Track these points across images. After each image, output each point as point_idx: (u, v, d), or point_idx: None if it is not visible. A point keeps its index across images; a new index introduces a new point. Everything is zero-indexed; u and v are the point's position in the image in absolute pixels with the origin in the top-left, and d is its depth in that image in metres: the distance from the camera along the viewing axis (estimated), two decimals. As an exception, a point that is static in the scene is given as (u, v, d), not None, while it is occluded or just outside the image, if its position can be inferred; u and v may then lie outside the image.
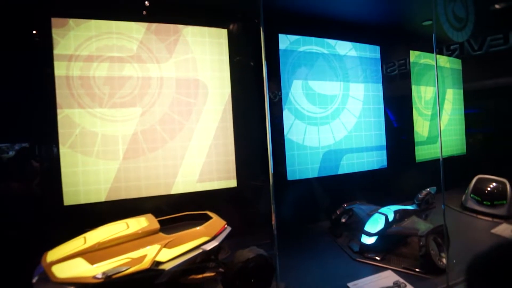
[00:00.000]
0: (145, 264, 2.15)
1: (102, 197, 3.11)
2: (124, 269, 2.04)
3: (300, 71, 4.22)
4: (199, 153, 3.57)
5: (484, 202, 4.38)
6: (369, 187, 4.57)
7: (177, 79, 3.48)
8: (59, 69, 2.99)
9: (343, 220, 3.82)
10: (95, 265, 2.03)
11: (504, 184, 4.38)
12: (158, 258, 2.25)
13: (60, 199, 2.96)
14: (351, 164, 4.57)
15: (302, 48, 4.26)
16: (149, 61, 3.35)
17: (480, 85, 6.02)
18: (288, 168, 4.08)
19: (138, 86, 3.30)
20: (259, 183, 3.63)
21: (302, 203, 4.03)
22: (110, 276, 1.98)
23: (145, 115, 3.34)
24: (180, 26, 3.51)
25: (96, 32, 3.13)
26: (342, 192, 4.28)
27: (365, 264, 3.08)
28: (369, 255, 3.17)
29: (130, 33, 3.27)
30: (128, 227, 2.32)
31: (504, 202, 4.24)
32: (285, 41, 4.16)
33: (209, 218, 2.78)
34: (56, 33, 2.99)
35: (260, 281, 2.55)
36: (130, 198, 3.23)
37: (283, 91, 4.05)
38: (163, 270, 2.23)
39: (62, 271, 1.98)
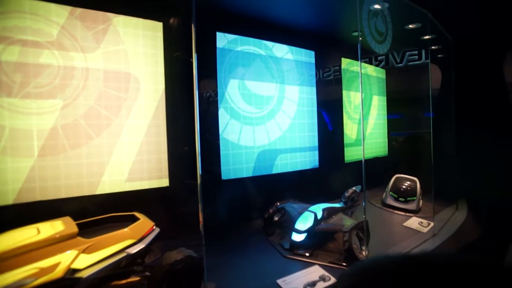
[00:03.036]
0: (58, 273, 1.95)
1: (9, 200, 2.74)
2: (29, 281, 1.82)
3: (237, 71, 4.23)
4: (128, 151, 3.36)
5: (400, 199, 4.90)
6: (301, 186, 4.79)
7: (105, 71, 3.23)
8: (-44, 50, 2.56)
9: (276, 219, 3.93)
10: (-8, 279, 1.77)
11: (415, 182, 4.97)
12: (75, 265, 2.05)
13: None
14: (285, 164, 4.74)
15: (239, 48, 4.28)
16: (73, 49, 3.05)
17: (400, 93, 6.78)
18: (222, 168, 4.07)
19: (59, 76, 2.98)
20: (192, 182, 3.55)
21: (236, 202, 4.04)
22: (11, 290, 1.75)
23: (67, 108, 3.03)
24: (110, 15, 3.26)
25: (2, 9, 2.74)
26: (276, 191, 4.41)
27: (294, 260, 3.20)
28: (298, 251, 3.30)
29: (48, 16, 2.93)
30: (38, 232, 2.08)
31: (414, 198, 4.80)
32: (223, 39, 4.14)
33: (136, 219, 2.64)
34: (-48, 7, 2.55)
35: (190, 282, 2.49)
36: (46, 199, 2.91)
37: (219, 90, 4.02)
38: (79, 279, 2.04)
39: None
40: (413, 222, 4.33)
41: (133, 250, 2.38)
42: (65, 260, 2.02)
